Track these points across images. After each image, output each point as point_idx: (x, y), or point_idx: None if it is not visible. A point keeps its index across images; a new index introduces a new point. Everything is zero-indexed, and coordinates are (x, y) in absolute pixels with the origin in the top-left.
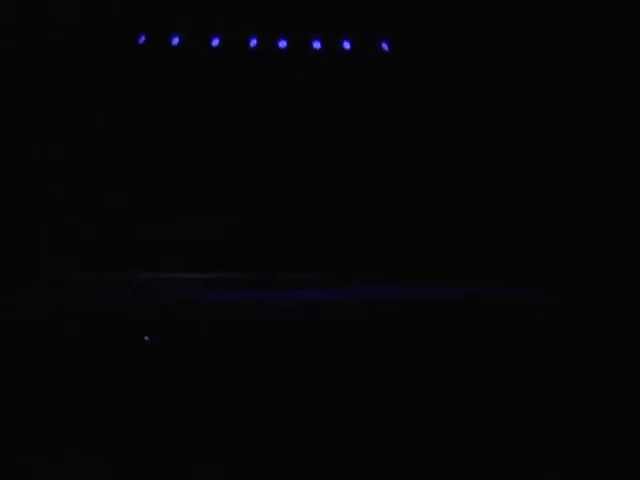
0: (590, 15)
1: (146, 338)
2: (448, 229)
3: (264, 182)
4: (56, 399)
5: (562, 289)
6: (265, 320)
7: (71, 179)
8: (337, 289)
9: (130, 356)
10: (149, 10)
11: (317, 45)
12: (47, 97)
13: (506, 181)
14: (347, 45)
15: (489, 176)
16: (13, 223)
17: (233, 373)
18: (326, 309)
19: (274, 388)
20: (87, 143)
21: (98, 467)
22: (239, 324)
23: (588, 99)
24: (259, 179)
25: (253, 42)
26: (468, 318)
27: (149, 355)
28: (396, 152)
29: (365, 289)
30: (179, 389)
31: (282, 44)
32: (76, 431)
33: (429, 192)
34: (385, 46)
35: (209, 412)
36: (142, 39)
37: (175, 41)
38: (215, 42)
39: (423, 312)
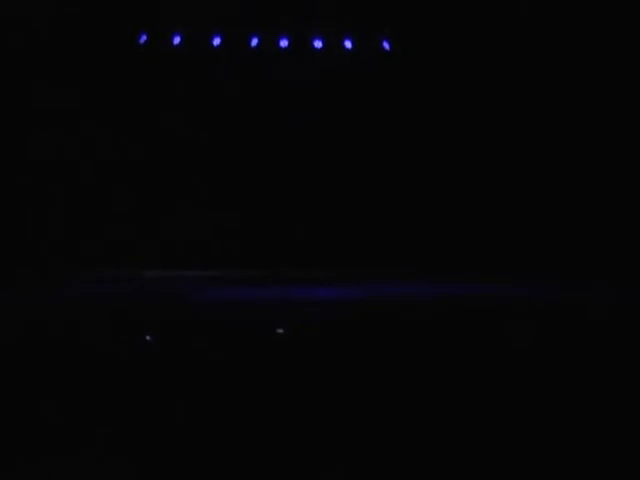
0: (590, 16)
1: (148, 338)
2: (449, 230)
3: (265, 182)
4: (56, 399)
5: (562, 289)
6: (265, 320)
7: (71, 179)
8: (338, 288)
9: (130, 355)
10: (150, 9)
11: (318, 44)
12: (48, 97)
13: (507, 182)
14: (348, 44)
15: (489, 177)
16: (13, 223)
17: (233, 373)
18: (327, 308)
19: (275, 387)
20: (87, 143)
21: (98, 467)
22: (239, 324)
23: (588, 100)
24: (260, 179)
25: (254, 41)
26: (468, 318)
27: (149, 354)
28: (396, 153)
29: (366, 288)
30: (179, 389)
31: (283, 43)
32: (76, 431)
33: (431, 192)
34: (386, 45)
35: (210, 412)
36: (143, 38)
37: (176, 40)
38: (216, 41)
39: (423, 312)
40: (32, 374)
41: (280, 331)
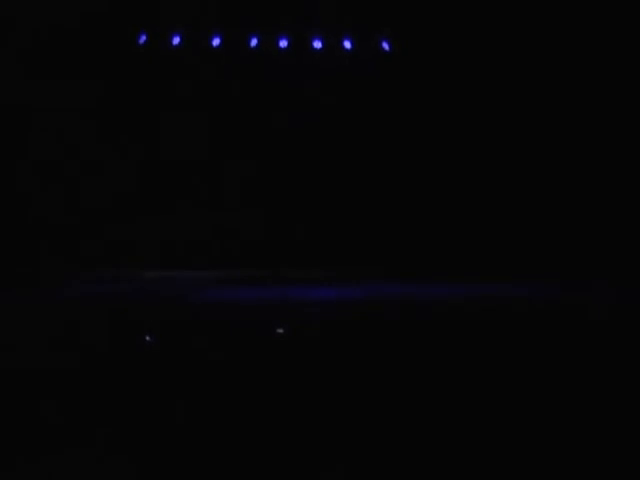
0: (590, 16)
1: (147, 338)
2: (448, 230)
3: (264, 182)
4: (56, 399)
5: (562, 289)
6: (265, 320)
7: (71, 179)
8: (338, 288)
9: (130, 355)
10: (150, 10)
11: (318, 44)
12: (48, 97)
13: (507, 182)
14: (348, 44)
15: (489, 177)
16: (13, 223)
17: (233, 373)
18: (327, 308)
19: (274, 387)
20: (87, 143)
21: (98, 467)
22: (239, 324)
23: (587, 100)
24: (260, 179)
25: (254, 41)
26: (468, 318)
27: (149, 354)
28: (396, 153)
29: (366, 288)
30: (179, 388)
31: (283, 43)
32: (76, 431)
33: (431, 193)
34: (385, 45)
35: (209, 412)
36: (143, 39)
37: (176, 41)
38: (216, 42)
39: (423, 312)
40: (32, 374)
41: (280, 331)
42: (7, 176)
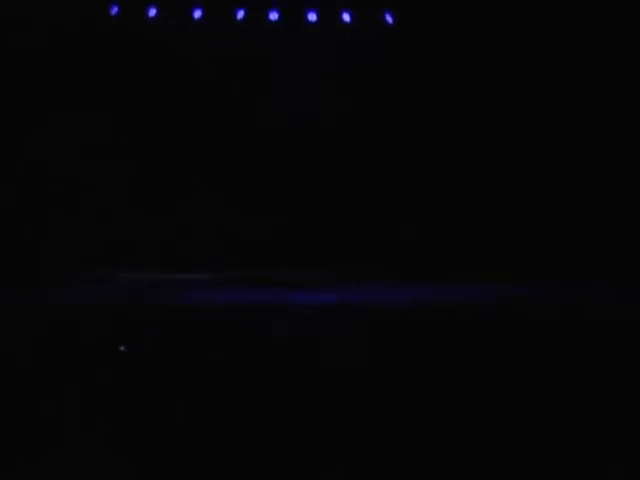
0: (592, 10)
1: (122, 348)
2: (448, 230)
3: (265, 181)
4: (56, 399)
5: (562, 289)
6: (265, 321)
7: (69, 178)
8: (338, 290)
9: (130, 356)
10: None
11: (312, 17)
12: (39, 94)
13: (507, 182)
14: (346, 17)
15: (489, 176)
16: (13, 223)
17: (233, 374)
18: (326, 311)
19: (274, 388)
20: (87, 142)
21: (98, 467)
22: (239, 325)
23: (587, 100)
24: (257, 174)
25: (240, 14)
26: (467, 318)
27: (149, 355)
28: (397, 148)
29: (367, 290)
30: (179, 390)
31: (273, 16)
32: (76, 431)
33: (431, 192)
34: (388, 18)
35: (209, 413)
36: (115, 10)
37: (152, 12)
38: (197, 14)
39: (423, 312)
40: (32, 374)
41: (279, 333)
42: (7, 176)
